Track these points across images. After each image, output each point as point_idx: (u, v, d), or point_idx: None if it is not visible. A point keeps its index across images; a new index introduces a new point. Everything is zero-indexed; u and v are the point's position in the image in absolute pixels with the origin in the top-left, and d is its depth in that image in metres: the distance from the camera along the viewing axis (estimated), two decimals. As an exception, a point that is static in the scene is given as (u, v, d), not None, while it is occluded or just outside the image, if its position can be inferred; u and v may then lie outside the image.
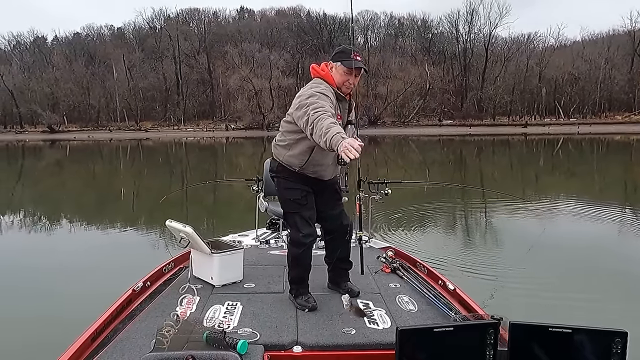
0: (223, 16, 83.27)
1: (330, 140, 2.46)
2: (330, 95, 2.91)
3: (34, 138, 59.06)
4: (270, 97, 65.25)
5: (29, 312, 4.69)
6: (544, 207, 10.81)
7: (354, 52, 2.97)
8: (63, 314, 4.50)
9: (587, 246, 7.29)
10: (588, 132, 51.02)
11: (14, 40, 77.19)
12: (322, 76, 3.03)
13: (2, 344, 3.98)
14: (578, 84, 66.29)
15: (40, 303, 4.95)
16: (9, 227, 9.71)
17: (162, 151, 38.41)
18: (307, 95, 2.83)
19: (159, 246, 7.35)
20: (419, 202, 11.07)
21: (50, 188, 16.66)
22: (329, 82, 2.99)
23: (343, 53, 3.01)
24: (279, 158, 3.12)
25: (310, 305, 2.97)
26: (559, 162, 24.74)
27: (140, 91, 70.19)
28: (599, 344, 1.93)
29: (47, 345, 3.17)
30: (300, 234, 3.03)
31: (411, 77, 65.93)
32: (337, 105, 2.99)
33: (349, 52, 2.98)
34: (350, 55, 2.96)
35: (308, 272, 3.15)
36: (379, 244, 4.61)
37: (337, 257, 3.28)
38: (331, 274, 3.38)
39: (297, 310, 2.98)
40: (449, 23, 73.97)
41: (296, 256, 3.09)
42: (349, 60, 2.95)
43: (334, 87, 2.98)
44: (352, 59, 2.95)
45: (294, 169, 3.05)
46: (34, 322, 4.44)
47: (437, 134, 54.11)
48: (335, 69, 3.00)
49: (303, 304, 3.00)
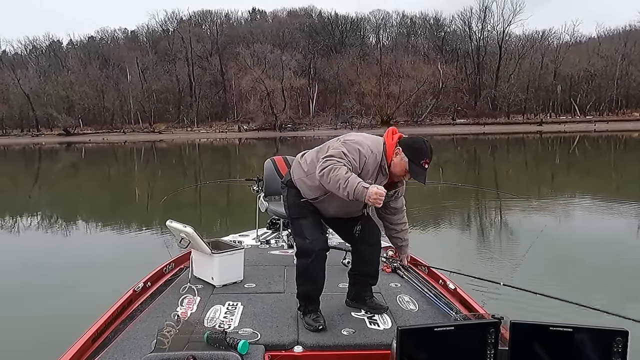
0: (235, 18, 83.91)
1: (353, 192, 2.45)
2: (372, 164, 2.65)
3: (50, 141, 59.99)
4: (282, 98, 65.49)
5: (27, 313, 4.70)
6: (545, 206, 10.72)
7: (426, 158, 2.62)
8: (63, 314, 4.50)
9: (588, 245, 7.27)
10: (605, 130, 50.41)
11: (30, 45, 78.60)
12: (387, 145, 2.69)
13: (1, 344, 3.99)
14: (594, 81, 65.37)
15: (40, 303, 4.97)
16: (8, 227, 9.86)
17: (176, 153, 38.75)
18: (347, 150, 2.60)
19: (159, 246, 7.32)
20: (420, 203, 11.00)
21: (64, 190, 16.89)
22: (386, 154, 2.67)
23: (418, 153, 2.62)
24: (294, 176, 2.85)
25: (317, 326, 2.68)
26: (575, 160, 24.42)
27: (154, 93, 70.83)
28: (600, 343, 1.93)
29: (47, 345, 3.16)
30: (307, 240, 2.72)
31: (424, 75, 65.49)
32: (374, 175, 2.68)
33: (422, 156, 2.62)
34: (421, 161, 2.61)
35: (319, 290, 2.82)
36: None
37: (364, 269, 2.96)
38: (353, 289, 3.02)
39: (298, 310, 2.92)
40: (461, 21, 73.59)
41: (303, 268, 2.76)
42: (417, 167, 2.61)
43: (387, 161, 2.67)
44: (421, 166, 2.60)
45: (303, 198, 2.81)
46: (33, 322, 4.43)
47: (450, 133, 53.79)
48: (401, 158, 2.65)
49: (311, 323, 2.70)
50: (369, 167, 2.63)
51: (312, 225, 2.77)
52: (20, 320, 4.50)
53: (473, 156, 28.17)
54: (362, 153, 2.60)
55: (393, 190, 2.82)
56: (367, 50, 76.06)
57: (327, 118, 68.08)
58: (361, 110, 66.58)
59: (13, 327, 4.34)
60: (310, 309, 2.77)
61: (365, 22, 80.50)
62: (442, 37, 75.76)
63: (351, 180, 2.45)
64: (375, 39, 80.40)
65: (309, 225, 2.76)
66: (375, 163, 2.64)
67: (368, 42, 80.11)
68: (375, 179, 2.65)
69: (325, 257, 2.77)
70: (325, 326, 2.69)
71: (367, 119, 65.02)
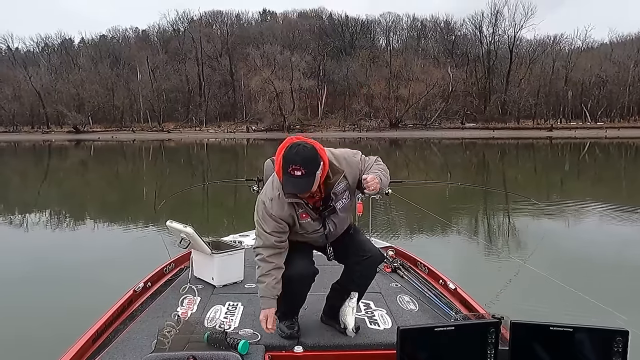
0: (245, 18, 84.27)
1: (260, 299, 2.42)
2: (286, 214, 2.37)
3: (60, 138, 60.52)
4: (291, 99, 65.65)
5: (27, 313, 4.66)
6: (554, 208, 10.72)
7: (291, 164, 2.19)
8: (63, 314, 4.48)
9: (589, 246, 7.35)
10: (616, 137, 50.10)
11: (42, 43, 79.52)
12: (278, 176, 2.36)
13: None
14: (606, 87, 64.86)
15: (40, 303, 4.93)
16: (9, 225, 9.89)
17: (184, 152, 38.89)
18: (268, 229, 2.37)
19: (159, 246, 7.29)
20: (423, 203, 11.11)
21: (70, 189, 16.91)
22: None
23: (284, 164, 2.23)
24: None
25: (289, 333, 2.53)
26: (585, 166, 24.19)
27: (163, 93, 71.26)
28: (600, 343, 1.92)
29: (47, 345, 3.13)
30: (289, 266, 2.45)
31: (433, 79, 65.46)
32: (297, 215, 2.40)
33: (287, 164, 2.22)
34: (288, 169, 2.21)
35: (296, 309, 2.64)
36: (379, 243, 4.55)
37: (348, 286, 2.61)
38: (330, 303, 2.72)
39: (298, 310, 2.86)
40: (472, 24, 73.38)
41: (283, 289, 2.45)
42: (287, 179, 2.25)
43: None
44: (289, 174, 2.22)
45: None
46: (33, 322, 4.39)
47: (459, 137, 53.68)
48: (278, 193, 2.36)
49: (283, 330, 2.54)
50: (289, 219, 2.38)
51: (295, 249, 2.49)
52: (20, 321, 4.47)
53: (482, 160, 27.98)
54: (273, 219, 2.37)
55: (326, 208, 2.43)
56: (377, 52, 76.03)
57: (335, 120, 68.16)
58: (370, 112, 66.60)
59: (13, 327, 4.31)
60: (286, 316, 2.60)
61: (376, 24, 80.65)
62: (453, 40, 75.57)
63: (261, 290, 2.39)
64: (386, 41, 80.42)
65: (292, 249, 2.48)
66: (288, 210, 2.37)
67: (378, 45, 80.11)
68: (304, 218, 2.40)
69: (307, 283, 2.52)
70: (297, 334, 2.55)
71: (376, 121, 65.06)
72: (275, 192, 2.38)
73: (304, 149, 2.21)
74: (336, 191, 2.39)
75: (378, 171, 2.39)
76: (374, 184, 2.26)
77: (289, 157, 2.20)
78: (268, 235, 2.37)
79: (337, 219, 2.48)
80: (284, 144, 2.31)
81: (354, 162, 2.45)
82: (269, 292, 2.36)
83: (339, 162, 2.40)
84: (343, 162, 2.41)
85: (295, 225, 2.42)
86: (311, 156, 2.20)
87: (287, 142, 2.30)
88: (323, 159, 2.28)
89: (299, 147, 2.21)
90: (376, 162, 2.50)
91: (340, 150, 2.51)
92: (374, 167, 2.43)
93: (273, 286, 2.37)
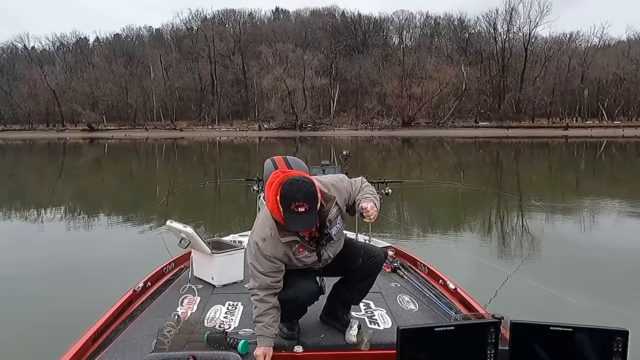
0: (258, 17, 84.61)
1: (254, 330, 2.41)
2: (281, 253, 2.35)
3: (74, 136, 61.26)
4: (303, 98, 65.63)
5: (27, 313, 4.65)
6: (554, 208, 10.66)
7: (294, 201, 2.17)
8: (63, 314, 4.48)
9: (590, 247, 7.37)
10: (633, 135, 49.35)
11: (58, 42, 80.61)
12: (271, 211, 2.30)
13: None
14: (623, 85, 63.85)
15: (40, 303, 4.92)
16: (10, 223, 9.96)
17: (197, 150, 39.13)
18: (261, 269, 2.35)
19: (159, 246, 7.27)
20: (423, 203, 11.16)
21: (82, 188, 16.96)
22: (277, 220, 2.31)
23: (285, 201, 2.19)
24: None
25: (290, 334, 2.54)
26: (601, 165, 23.82)
27: (176, 91, 71.87)
28: (600, 343, 1.93)
29: (47, 345, 3.11)
30: (289, 289, 2.44)
31: (447, 77, 64.92)
32: (293, 253, 2.39)
33: (288, 201, 2.18)
34: (290, 206, 2.18)
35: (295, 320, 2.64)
36: (379, 243, 4.55)
37: (347, 295, 2.66)
38: (329, 303, 2.73)
39: None
40: (486, 22, 72.67)
41: (283, 308, 2.45)
42: (289, 216, 2.20)
43: (282, 223, 2.28)
44: (291, 211, 2.18)
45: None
46: (33, 322, 4.39)
47: (472, 136, 53.28)
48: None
49: (283, 330, 2.54)
50: (284, 257, 2.36)
51: (296, 272, 2.47)
52: (20, 320, 4.46)
53: (495, 160, 27.70)
54: (268, 259, 2.33)
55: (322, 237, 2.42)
56: (390, 50, 75.73)
57: (347, 118, 68.05)
58: (382, 111, 66.40)
59: (13, 327, 4.30)
60: (287, 317, 2.57)
61: (389, 22, 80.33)
62: (466, 38, 75.03)
63: (259, 329, 2.37)
64: (398, 39, 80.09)
65: (294, 272, 2.47)
66: (282, 248, 2.34)
67: (391, 43, 79.79)
68: (301, 252, 2.39)
69: (313, 302, 2.54)
70: (297, 335, 2.57)
71: (388, 120, 64.83)
72: (267, 230, 2.35)
73: (304, 184, 2.20)
74: (330, 218, 2.41)
75: (369, 195, 2.44)
76: (374, 213, 2.32)
77: (290, 194, 2.18)
78: (263, 276, 2.37)
79: (333, 245, 2.50)
80: (273, 180, 2.28)
81: (342, 187, 2.48)
82: (267, 331, 2.37)
83: (329, 190, 2.42)
84: (332, 189, 2.44)
85: (291, 261, 2.42)
86: (312, 192, 2.22)
87: (278, 178, 2.26)
88: (317, 190, 2.29)
89: (298, 182, 2.20)
90: (366, 185, 2.55)
91: (326, 178, 2.54)
92: (365, 191, 2.48)
93: (271, 325, 2.37)
